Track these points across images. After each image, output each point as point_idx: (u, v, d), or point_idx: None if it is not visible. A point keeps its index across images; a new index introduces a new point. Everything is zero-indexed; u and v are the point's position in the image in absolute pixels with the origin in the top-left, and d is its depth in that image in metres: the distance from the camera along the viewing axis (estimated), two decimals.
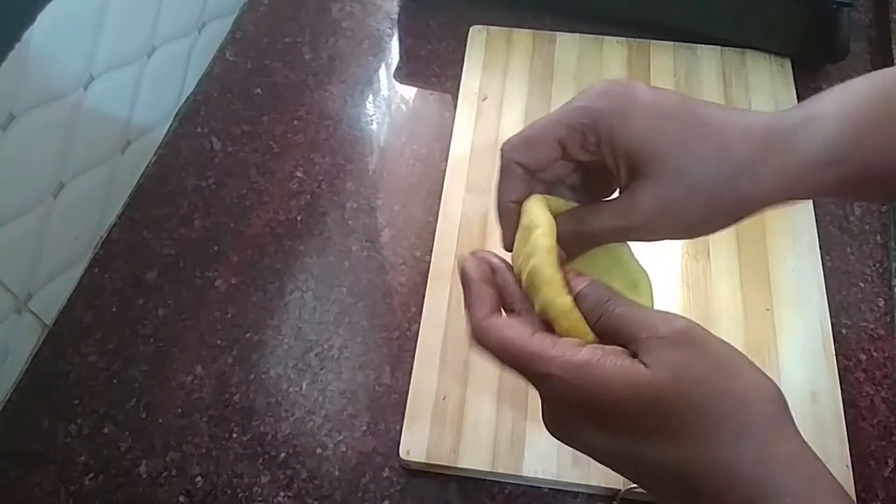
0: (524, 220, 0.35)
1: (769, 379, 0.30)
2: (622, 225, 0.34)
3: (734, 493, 0.28)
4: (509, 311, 0.34)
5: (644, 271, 0.37)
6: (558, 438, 0.33)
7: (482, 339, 0.32)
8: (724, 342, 0.30)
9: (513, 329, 0.31)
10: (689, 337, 0.29)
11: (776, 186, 0.32)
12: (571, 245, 0.35)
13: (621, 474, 0.32)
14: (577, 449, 0.33)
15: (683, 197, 0.32)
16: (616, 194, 0.35)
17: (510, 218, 0.36)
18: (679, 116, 0.32)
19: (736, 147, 0.32)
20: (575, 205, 0.36)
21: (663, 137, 0.32)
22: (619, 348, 0.30)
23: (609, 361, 0.29)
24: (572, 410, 0.30)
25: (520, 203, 0.36)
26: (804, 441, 0.29)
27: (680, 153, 0.32)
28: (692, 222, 0.33)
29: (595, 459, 0.32)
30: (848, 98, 0.33)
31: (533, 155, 0.35)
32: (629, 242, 0.37)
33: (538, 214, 0.34)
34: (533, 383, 0.31)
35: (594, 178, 0.37)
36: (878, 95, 0.33)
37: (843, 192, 0.33)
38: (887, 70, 0.34)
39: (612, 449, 0.30)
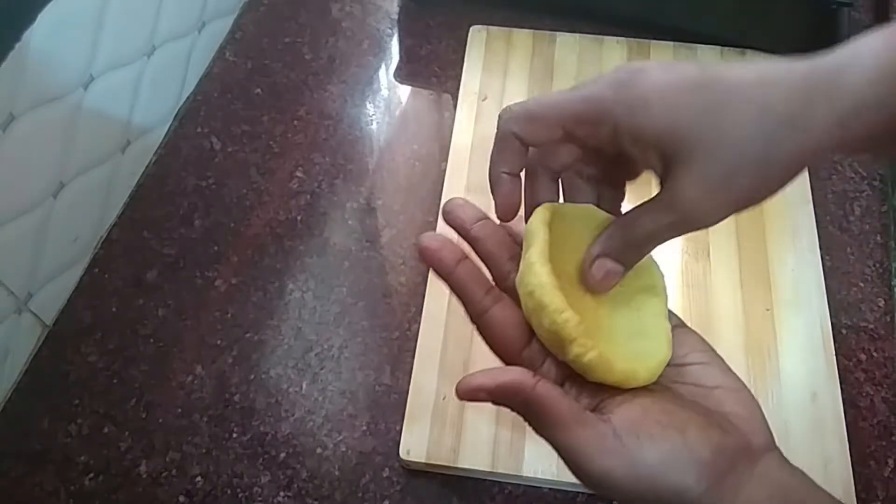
0: (525, 233, 0.34)
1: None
2: (674, 220, 0.31)
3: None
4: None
5: (661, 273, 0.36)
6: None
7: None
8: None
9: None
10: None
11: (829, 133, 0.29)
12: (627, 255, 0.33)
13: None
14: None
15: (732, 170, 0.29)
16: (654, 187, 0.33)
17: (502, 188, 0.34)
18: (703, 87, 0.29)
19: (776, 102, 0.29)
20: (589, 205, 0.35)
21: (692, 114, 0.29)
22: None
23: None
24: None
25: (512, 174, 0.34)
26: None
27: (715, 125, 0.29)
28: (747, 194, 0.30)
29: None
30: (889, 35, 0.29)
31: (532, 130, 0.33)
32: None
33: (535, 229, 0.33)
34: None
35: (612, 165, 0.34)
36: None
37: (884, 147, 0.30)
38: None
39: None
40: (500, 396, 0.30)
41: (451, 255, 0.34)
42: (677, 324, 0.35)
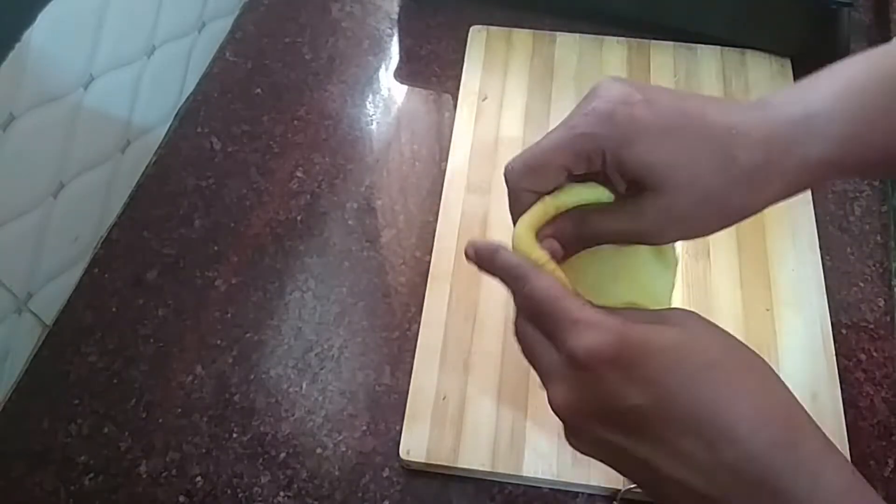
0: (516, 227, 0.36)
1: None
2: (629, 231, 0.34)
3: (760, 436, 0.28)
4: None
5: (666, 275, 0.37)
6: (568, 413, 0.32)
7: (530, 289, 0.33)
8: None
9: (561, 282, 0.33)
10: (698, 315, 0.33)
11: (781, 187, 0.34)
12: (570, 242, 0.36)
13: (626, 458, 0.31)
14: (584, 428, 0.31)
15: (693, 207, 0.33)
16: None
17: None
18: (680, 131, 0.33)
19: (740, 156, 0.33)
20: (598, 187, 0.36)
21: (669, 156, 0.33)
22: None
23: (646, 324, 0.31)
24: (604, 365, 0.30)
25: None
26: None
27: (687, 168, 0.33)
28: (700, 228, 0.35)
29: (601, 440, 0.31)
30: (844, 89, 0.34)
31: (540, 181, 0.35)
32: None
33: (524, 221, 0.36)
34: (566, 336, 0.31)
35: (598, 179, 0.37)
36: (876, 82, 0.33)
37: (843, 177, 0.35)
38: (886, 49, 0.34)
39: (641, 404, 0.29)
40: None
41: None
42: None
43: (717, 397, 0.29)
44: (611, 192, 0.36)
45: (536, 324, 0.33)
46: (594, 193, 0.36)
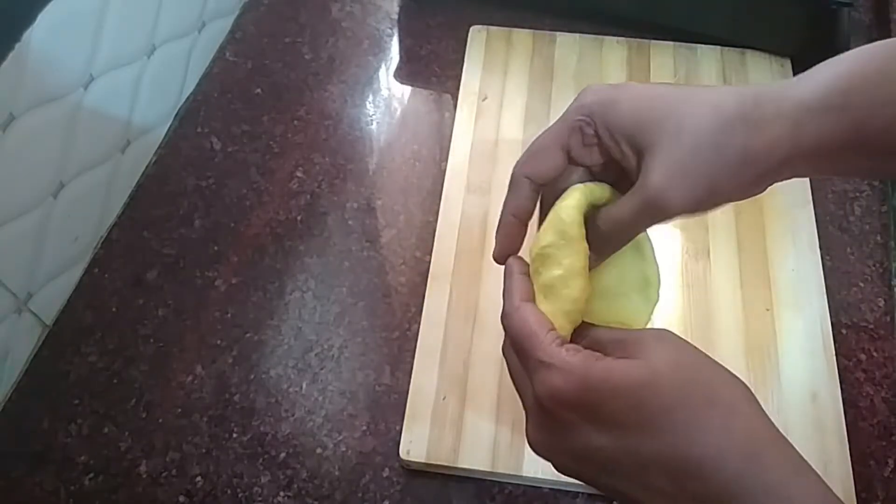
0: (555, 207, 0.35)
1: None
2: (640, 203, 0.33)
3: (726, 469, 0.28)
4: None
5: (657, 275, 0.37)
6: (540, 449, 0.33)
7: (509, 321, 0.34)
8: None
9: (536, 317, 0.33)
10: (670, 334, 0.32)
11: (778, 134, 0.32)
12: (603, 243, 0.35)
13: (602, 485, 0.32)
14: (557, 462, 0.33)
15: (689, 155, 0.32)
16: None
17: (508, 231, 0.37)
18: (665, 94, 0.34)
19: (728, 102, 0.33)
20: (607, 186, 0.36)
21: (654, 109, 0.33)
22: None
23: (609, 358, 0.31)
24: (566, 409, 0.31)
25: (520, 218, 0.36)
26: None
27: (675, 118, 0.33)
28: (707, 184, 0.33)
29: (576, 471, 0.32)
30: (835, 62, 0.33)
31: (539, 164, 0.35)
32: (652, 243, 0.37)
33: (571, 197, 0.35)
34: (533, 375, 0.32)
35: (614, 180, 0.37)
36: (867, 59, 0.33)
37: (848, 156, 0.33)
38: (876, 43, 0.34)
39: (605, 445, 0.30)
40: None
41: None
42: None
43: (678, 439, 0.29)
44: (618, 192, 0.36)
45: (517, 353, 0.34)
46: (606, 190, 0.36)
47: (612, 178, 0.36)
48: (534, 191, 0.36)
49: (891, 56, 0.32)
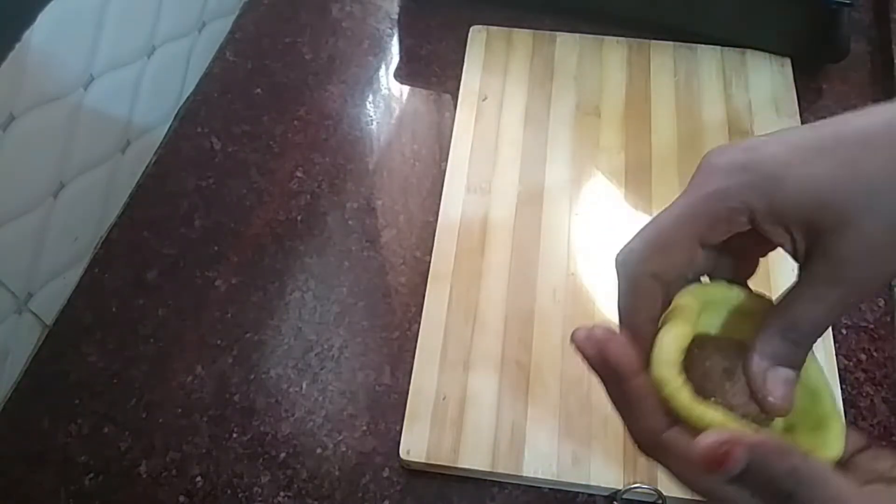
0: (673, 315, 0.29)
1: None
2: (842, 293, 0.27)
3: None
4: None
5: (834, 406, 0.31)
6: None
7: (663, 455, 0.28)
8: None
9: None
10: None
11: None
12: (796, 353, 0.29)
13: None
14: None
15: (888, 227, 0.26)
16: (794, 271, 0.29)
17: (648, 342, 0.30)
18: (828, 148, 0.27)
19: None
20: (740, 287, 0.32)
21: (830, 178, 0.26)
22: None
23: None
24: None
25: (654, 326, 0.30)
26: None
27: (857, 180, 0.26)
28: None
29: None
30: None
31: (670, 262, 0.29)
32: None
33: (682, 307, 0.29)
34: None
35: (728, 258, 0.31)
36: None
37: None
38: None
39: None
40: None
41: (629, 361, 0.29)
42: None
43: None
44: (742, 289, 0.31)
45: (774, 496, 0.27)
46: (727, 292, 0.30)
47: (721, 258, 0.31)
48: (663, 290, 0.30)
49: None
